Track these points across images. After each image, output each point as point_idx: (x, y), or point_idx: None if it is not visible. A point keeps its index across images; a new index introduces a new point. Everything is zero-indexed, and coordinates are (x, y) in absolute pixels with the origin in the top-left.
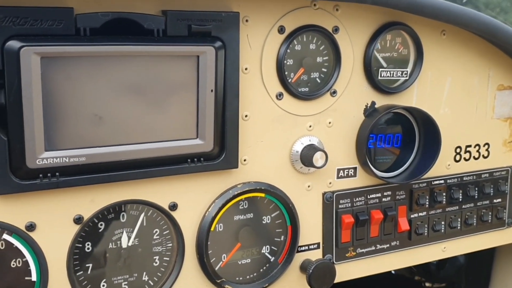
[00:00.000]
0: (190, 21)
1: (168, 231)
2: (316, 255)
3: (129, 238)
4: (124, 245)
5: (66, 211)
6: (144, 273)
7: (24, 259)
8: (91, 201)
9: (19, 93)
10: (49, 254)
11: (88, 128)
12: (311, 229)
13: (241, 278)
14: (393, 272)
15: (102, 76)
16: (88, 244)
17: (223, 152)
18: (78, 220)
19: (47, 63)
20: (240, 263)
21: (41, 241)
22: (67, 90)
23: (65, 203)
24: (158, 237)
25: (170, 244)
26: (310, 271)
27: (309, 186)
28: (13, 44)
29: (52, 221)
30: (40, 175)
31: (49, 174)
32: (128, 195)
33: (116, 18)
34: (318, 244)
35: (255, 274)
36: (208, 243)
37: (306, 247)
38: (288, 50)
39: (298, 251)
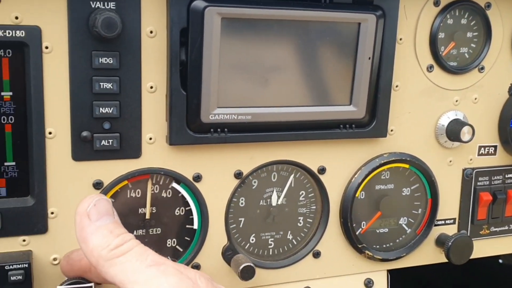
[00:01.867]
0: None
1: (313, 194)
2: (451, 230)
3: (278, 197)
4: (273, 203)
5: (229, 166)
6: (289, 231)
7: (187, 208)
8: (250, 158)
9: (200, 51)
10: (211, 205)
11: (255, 88)
12: (448, 204)
13: (377, 246)
14: (500, 261)
15: (271, 40)
16: (242, 199)
17: (373, 120)
18: (238, 175)
19: (226, 24)
20: (378, 231)
21: (205, 192)
22: (240, 51)
23: (228, 158)
24: (303, 198)
25: (314, 207)
26: (450, 244)
27: (450, 161)
28: (199, 4)
29: (216, 174)
30: (211, 130)
31: (218, 129)
32: (282, 156)
33: None
34: (454, 219)
35: (391, 243)
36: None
37: (443, 222)
38: (441, 24)
39: (434, 225)
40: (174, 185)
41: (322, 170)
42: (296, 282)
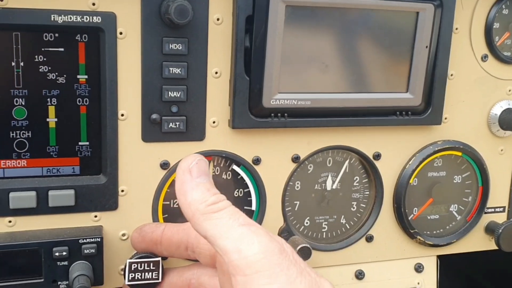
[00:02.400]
0: None
1: (367, 180)
2: (500, 218)
3: (333, 182)
4: (328, 188)
5: (286, 150)
6: (342, 216)
7: (246, 190)
8: (307, 143)
9: (264, 38)
10: (269, 187)
11: (315, 74)
12: (497, 192)
13: (428, 232)
14: None
15: (332, 27)
16: (298, 183)
17: (428, 108)
18: (295, 159)
19: (290, 11)
20: (429, 218)
21: (263, 175)
22: (302, 38)
23: (286, 142)
24: (357, 184)
25: (368, 192)
26: (500, 231)
27: (502, 150)
28: None
29: (275, 158)
30: (272, 114)
31: (279, 114)
32: (338, 142)
33: None
34: (504, 207)
35: (441, 230)
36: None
37: (492, 209)
38: (496, 14)
39: (484, 213)
40: (235, 167)
41: (377, 156)
42: (349, 265)
